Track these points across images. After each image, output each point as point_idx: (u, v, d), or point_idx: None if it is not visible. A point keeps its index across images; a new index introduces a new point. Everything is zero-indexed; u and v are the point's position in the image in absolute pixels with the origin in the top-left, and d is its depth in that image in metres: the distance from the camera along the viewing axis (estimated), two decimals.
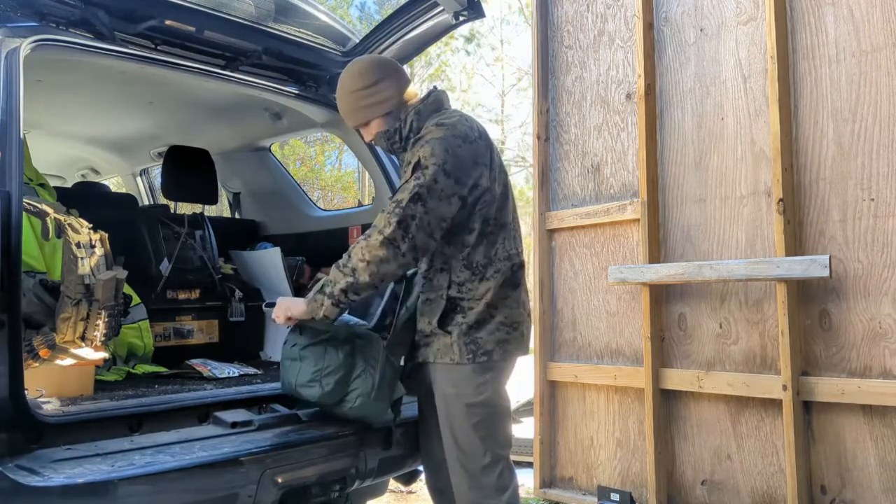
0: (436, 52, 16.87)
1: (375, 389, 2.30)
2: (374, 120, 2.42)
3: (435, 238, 2.24)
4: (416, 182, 2.21)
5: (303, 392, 2.34)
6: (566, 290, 4.09)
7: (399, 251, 2.18)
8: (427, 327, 2.32)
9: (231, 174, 4.29)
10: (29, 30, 2.35)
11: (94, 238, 2.31)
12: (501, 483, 2.31)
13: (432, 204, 2.20)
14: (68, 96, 3.53)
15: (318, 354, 2.29)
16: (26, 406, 1.94)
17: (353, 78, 2.41)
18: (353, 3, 13.61)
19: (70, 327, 2.20)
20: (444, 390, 2.32)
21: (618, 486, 3.76)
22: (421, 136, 2.29)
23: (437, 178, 2.21)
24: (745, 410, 3.31)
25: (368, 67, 2.42)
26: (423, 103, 2.39)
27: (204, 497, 2.05)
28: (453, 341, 2.27)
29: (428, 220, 2.20)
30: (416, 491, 4.15)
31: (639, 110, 3.72)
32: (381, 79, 2.39)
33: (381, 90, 2.38)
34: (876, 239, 2.95)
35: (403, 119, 2.37)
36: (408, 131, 2.36)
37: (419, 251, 2.23)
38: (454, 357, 2.27)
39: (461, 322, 2.28)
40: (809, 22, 3.18)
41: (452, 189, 2.23)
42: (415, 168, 2.23)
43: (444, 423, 2.34)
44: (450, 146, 2.24)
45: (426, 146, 2.25)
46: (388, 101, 2.39)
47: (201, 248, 3.51)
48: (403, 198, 2.20)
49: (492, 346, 2.28)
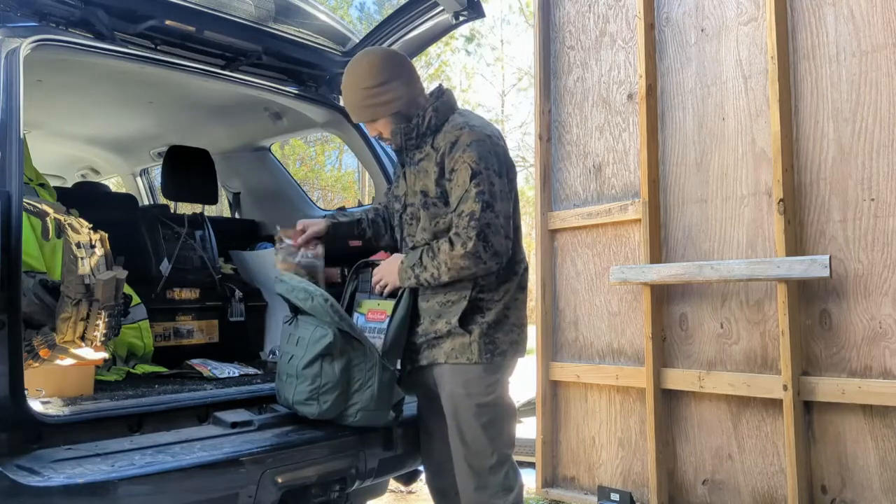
0: (436, 52, 16.86)
1: (375, 401, 2.28)
2: (385, 116, 2.38)
3: (510, 237, 2.28)
4: (477, 189, 2.21)
5: (300, 410, 2.33)
6: (568, 290, 4.09)
7: (481, 260, 2.21)
8: (444, 327, 2.30)
9: (231, 174, 4.28)
10: (29, 30, 2.35)
11: (94, 238, 2.31)
12: (508, 483, 2.32)
13: (499, 207, 2.23)
14: (68, 96, 3.52)
15: (315, 372, 2.27)
16: (26, 406, 1.94)
17: (363, 74, 2.35)
18: (353, 3, 13.61)
19: (70, 327, 2.20)
20: (454, 390, 2.31)
21: (619, 486, 3.76)
22: (456, 140, 2.27)
23: (493, 182, 2.24)
24: (745, 410, 3.31)
25: (380, 65, 2.35)
26: (439, 101, 2.38)
27: (204, 497, 2.05)
28: (473, 340, 2.27)
29: (500, 223, 2.23)
30: (416, 491, 4.14)
31: (640, 111, 3.72)
32: (392, 78, 2.34)
33: (392, 90, 2.34)
34: (876, 239, 2.95)
35: (421, 116, 2.35)
36: (425, 128, 2.35)
37: (501, 256, 2.25)
38: (471, 356, 2.26)
39: (481, 321, 2.28)
40: (810, 22, 3.18)
41: (507, 187, 2.29)
42: (472, 175, 2.22)
43: (451, 424, 2.33)
44: (490, 147, 2.27)
45: (470, 151, 2.24)
46: (398, 101, 2.35)
47: (201, 248, 3.50)
48: (475, 209, 2.20)
49: (506, 347, 2.31)
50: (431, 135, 2.35)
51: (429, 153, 2.35)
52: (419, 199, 2.36)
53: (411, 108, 2.37)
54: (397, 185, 2.53)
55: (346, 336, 2.29)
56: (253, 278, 3.70)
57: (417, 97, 2.39)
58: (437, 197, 2.31)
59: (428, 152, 2.35)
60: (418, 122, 2.35)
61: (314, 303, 2.31)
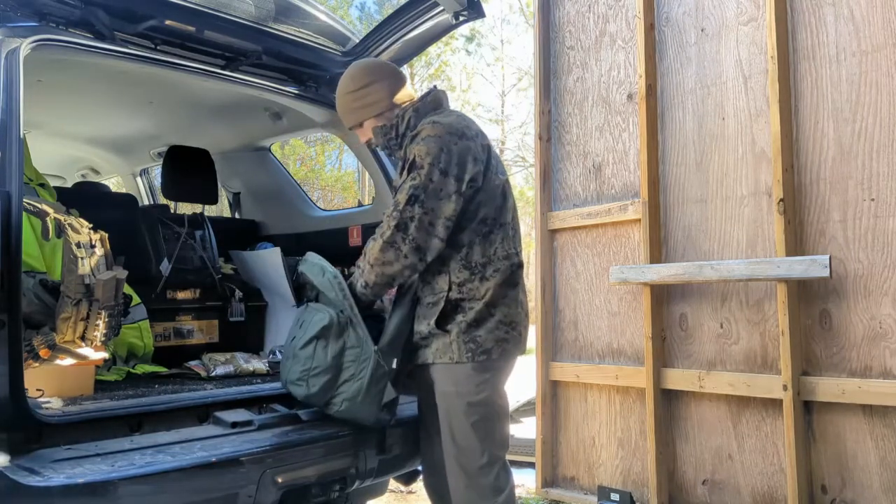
0: (436, 52, 16.89)
1: (362, 394, 2.27)
2: (366, 121, 2.46)
3: (440, 237, 2.24)
4: (411, 183, 2.22)
5: (291, 389, 2.37)
6: (568, 289, 4.09)
7: (401, 253, 2.20)
8: (426, 328, 2.31)
9: (231, 174, 4.28)
10: (29, 30, 2.35)
11: (94, 238, 2.30)
12: (498, 484, 2.31)
13: (430, 204, 2.20)
14: (68, 96, 3.52)
15: (308, 354, 2.29)
16: (26, 406, 1.94)
17: (346, 81, 2.48)
18: (353, 3, 13.63)
19: (70, 327, 2.20)
20: (445, 389, 2.32)
21: (619, 486, 3.76)
22: (417, 134, 2.30)
23: (432, 177, 2.21)
24: (745, 410, 3.31)
25: (360, 71, 2.48)
26: (421, 101, 2.40)
27: (204, 497, 2.05)
28: (452, 340, 2.27)
29: (428, 220, 2.20)
30: (416, 491, 4.14)
31: (640, 111, 3.72)
32: (372, 82, 2.43)
33: (371, 93, 2.43)
34: (876, 239, 2.95)
35: (401, 116, 2.38)
36: (405, 128, 2.37)
37: (423, 252, 2.23)
38: (453, 356, 2.27)
39: (461, 321, 2.28)
40: (810, 22, 3.18)
41: (450, 187, 2.22)
42: (410, 167, 2.24)
43: (443, 422, 2.34)
44: (445, 144, 2.24)
45: (421, 144, 2.25)
46: (379, 104, 2.43)
47: (201, 248, 3.51)
48: (400, 200, 2.22)
49: (491, 345, 2.28)
50: (410, 137, 2.35)
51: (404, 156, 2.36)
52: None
53: (395, 110, 2.42)
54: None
55: (344, 324, 2.28)
56: (253, 278, 3.70)
57: (402, 100, 2.43)
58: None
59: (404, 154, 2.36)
60: (397, 122, 2.38)
61: (324, 278, 2.35)
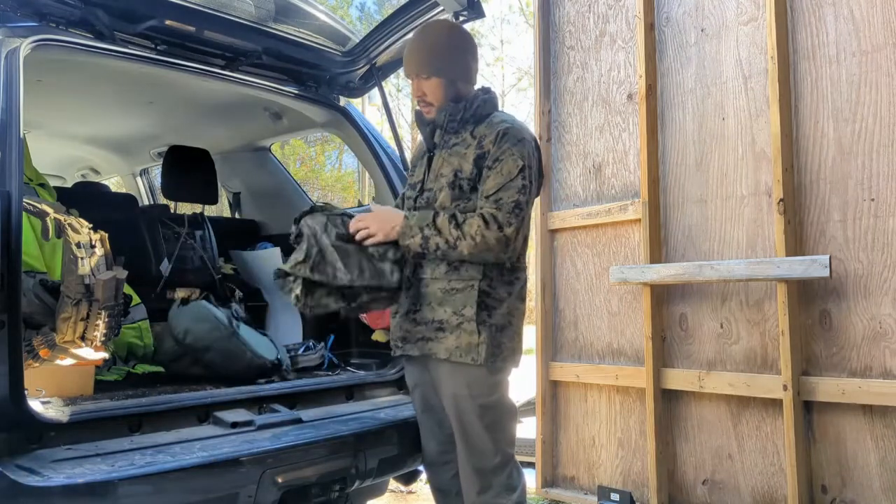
0: None
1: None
2: (442, 79, 2.34)
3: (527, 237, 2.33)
4: (523, 183, 2.23)
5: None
6: (568, 289, 4.09)
7: (507, 249, 2.21)
8: (453, 319, 2.25)
9: (231, 174, 4.29)
10: (29, 30, 2.35)
11: (94, 238, 2.30)
12: (511, 483, 2.32)
13: (530, 209, 2.29)
14: (68, 96, 3.52)
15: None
16: (26, 406, 1.94)
17: (443, 32, 2.42)
18: (353, 3, 13.62)
19: (70, 327, 2.20)
20: (456, 391, 2.28)
21: (619, 486, 3.76)
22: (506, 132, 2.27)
23: (533, 182, 2.29)
24: (745, 410, 3.31)
25: (465, 35, 2.44)
26: (488, 94, 2.40)
27: (204, 497, 2.05)
28: (482, 342, 2.23)
29: (527, 223, 2.28)
30: (416, 491, 4.15)
31: (640, 111, 3.72)
32: (465, 50, 2.40)
33: (460, 58, 2.38)
34: (876, 239, 2.95)
35: (469, 101, 2.35)
36: (470, 115, 2.35)
37: (516, 252, 2.28)
38: (476, 357, 2.22)
39: (490, 323, 2.25)
40: (810, 22, 3.18)
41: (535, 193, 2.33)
42: (521, 169, 2.23)
43: (455, 426, 2.32)
44: (534, 152, 2.32)
45: (521, 147, 2.26)
46: (460, 71, 2.37)
47: (201, 247, 3.51)
48: (521, 201, 2.22)
49: (508, 353, 2.30)
50: (473, 124, 2.34)
51: (465, 140, 2.33)
52: (445, 180, 2.32)
53: (464, 88, 2.39)
54: (413, 174, 2.52)
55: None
56: (253, 278, 3.70)
57: (472, 83, 2.42)
58: (468, 178, 2.28)
59: (465, 139, 2.33)
60: (465, 104, 2.35)
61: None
